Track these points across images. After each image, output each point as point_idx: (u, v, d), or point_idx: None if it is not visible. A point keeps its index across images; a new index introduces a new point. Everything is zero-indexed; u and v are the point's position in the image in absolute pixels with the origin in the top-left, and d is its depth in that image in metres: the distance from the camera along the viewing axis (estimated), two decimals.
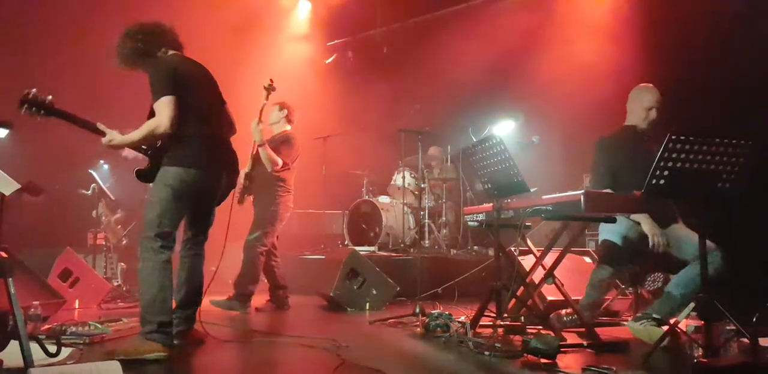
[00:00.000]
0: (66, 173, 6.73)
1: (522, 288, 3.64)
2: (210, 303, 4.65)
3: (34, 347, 2.46)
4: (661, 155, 2.75)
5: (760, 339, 2.88)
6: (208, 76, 3.40)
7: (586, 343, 3.24)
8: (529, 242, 3.69)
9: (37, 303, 3.46)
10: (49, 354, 2.59)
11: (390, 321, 4.21)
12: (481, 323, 3.61)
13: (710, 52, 5.43)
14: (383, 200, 7.29)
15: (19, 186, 3.78)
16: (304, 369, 2.98)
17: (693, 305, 2.90)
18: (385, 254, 6.47)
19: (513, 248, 3.74)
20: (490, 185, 3.58)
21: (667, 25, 5.91)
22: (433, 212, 7.22)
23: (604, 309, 4.18)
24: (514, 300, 3.64)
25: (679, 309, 3.35)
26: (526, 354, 2.91)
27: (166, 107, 3.02)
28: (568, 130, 6.40)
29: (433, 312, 3.91)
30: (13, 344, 2.41)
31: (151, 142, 3.15)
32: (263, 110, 4.71)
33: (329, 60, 9.32)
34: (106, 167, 6.68)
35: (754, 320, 2.85)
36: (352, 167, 7.75)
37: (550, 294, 4.28)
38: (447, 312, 3.86)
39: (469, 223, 3.96)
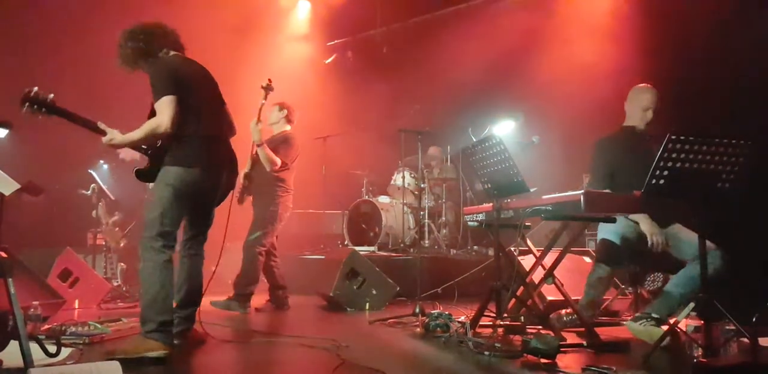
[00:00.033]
0: (66, 173, 6.73)
1: (522, 288, 3.64)
2: (210, 303, 4.65)
3: (34, 347, 2.46)
4: (660, 155, 2.75)
5: (760, 339, 2.88)
6: (209, 77, 3.41)
7: (585, 343, 3.25)
8: (529, 242, 3.69)
9: (36, 303, 3.46)
10: (49, 354, 2.59)
11: (390, 321, 4.22)
12: (481, 323, 3.61)
13: (710, 52, 5.43)
14: (383, 200, 7.29)
15: (19, 186, 3.78)
16: (304, 369, 2.98)
17: (693, 305, 2.90)
18: (385, 254, 6.47)
19: (513, 248, 3.74)
20: (489, 185, 3.58)
21: (667, 25, 5.91)
22: (433, 212, 7.22)
23: (604, 309, 4.19)
24: (513, 299, 3.64)
25: (678, 309, 3.35)
26: (525, 354, 2.91)
27: (167, 106, 3.03)
28: (568, 130, 6.39)
29: (432, 312, 3.91)
30: (13, 344, 2.41)
31: (152, 141, 3.16)
32: (262, 109, 4.71)
33: (329, 60, 9.31)
34: (105, 167, 6.68)
35: (754, 320, 2.84)
36: (352, 167, 7.75)
37: (550, 293, 4.28)
38: (447, 312, 3.86)
39: (469, 223, 3.96)
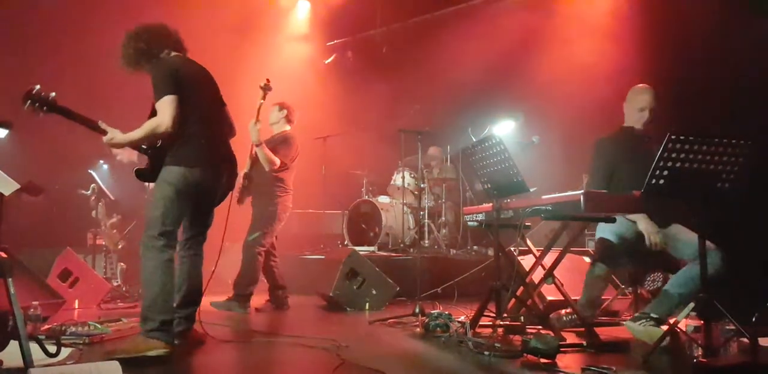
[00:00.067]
0: (66, 173, 6.72)
1: (521, 288, 3.64)
2: (210, 304, 4.65)
3: (34, 347, 2.46)
4: (660, 154, 2.75)
5: (760, 339, 2.88)
6: (210, 78, 3.42)
7: (585, 343, 3.25)
8: (529, 242, 3.69)
9: (36, 303, 3.45)
10: (49, 355, 2.59)
11: (390, 321, 4.21)
12: (481, 323, 3.61)
13: (710, 52, 5.43)
14: (383, 200, 7.29)
15: (19, 186, 3.78)
16: (304, 369, 2.98)
17: (693, 305, 2.90)
18: (385, 254, 6.47)
19: (512, 248, 3.74)
20: (489, 185, 3.59)
21: (667, 25, 5.91)
22: (433, 212, 7.22)
23: (603, 309, 4.19)
24: (513, 299, 3.64)
25: (677, 309, 3.35)
26: (525, 354, 2.91)
27: (168, 106, 3.03)
28: (568, 130, 6.39)
29: (432, 312, 3.91)
30: (12, 344, 2.41)
31: (152, 141, 3.16)
32: (260, 109, 4.70)
33: (329, 60, 9.31)
34: (105, 167, 6.66)
35: (754, 320, 2.85)
36: (352, 167, 7.75)
37: (550, 293, 4.28)
38: (447, 312, 3.86)
39: (469, 223, 3.96)
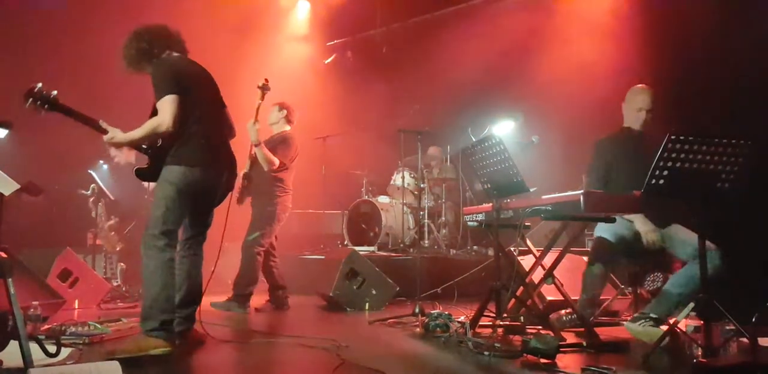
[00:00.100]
0: (66, 173, 6.72)
1: (521, 288, 3.64)
2: (210, 304, 4.65)
3: (34, 347, 2.46)
4: (660, 154, 2.75)
5: (760, 339, 2.89)
6: (210, 79, 3.43)
7: (585, 343, 3.25)
8: (529, 242, 3.69)
9: (36, 303, 3.45)
10: (49, 355, 2.59)
11: (389, 321, 4.21)
12: (481, 323, 3.61)
13: (710, 52, 5.43)
14: (383, 200, 7.29)
15: (19, 186, 3.78)
16: (304, 369, 2.98)
17: (692, 305, 2.90)
18: (385, 254, 6.47)
19: (512, 248, 3.74)
20: (489, 185, 3.58)
21: (667, 25, 5.91)
22: (433, 212, 7.22)
23: (603, 309, 4.19)
24: (513, 300, 3.64)
25: (677, 308, 3.36)
26: (525, 354, 2.91)
27: (169, 105, 3.04)
28: (568, 130, 6.39)
29: (432, 312, 3.91)
30: (12, 344, 2.40)
31: (153, 140, 3.17)
32: (259, 109, 4.70)
33: (329, 60, 9.31)
34: (105, 167, 6.66)
35: (754, 320, 2.85)
36: (352, 167, 7.75)
37: (550, 293, 4.28)
38: (446, 312, 3.86)
39: (469, 223, 3.96)
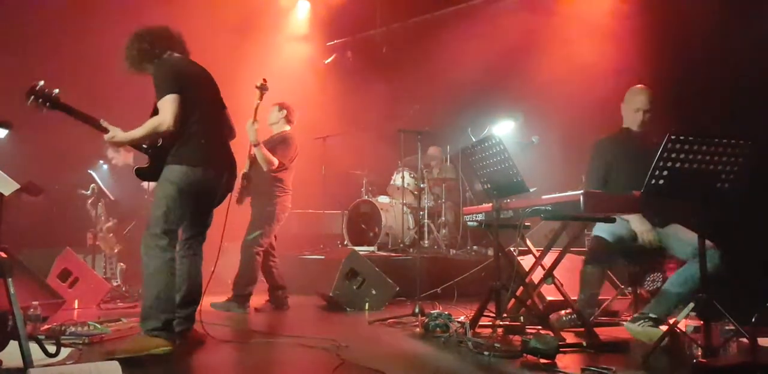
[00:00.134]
0: (66, 173, 6.71)
1: (521, 288, 3.64)
2: (210, 305, 4.65)
3: (34, 347, 2.46)
4: (660, 155, 2.75)
5: (760, 339, 2.89)
6: (211, 80, 3.44)
7: (585, 343, 3.25)
8: (529, 242, 3.69)
9: (36, 303, 3.45)
10: (49, 355, 2.59)
11: (389, 321, 4.21)
12: (481, 323, 3.61)
13: (710, 52, 5.43)
14: (383, 200, 7.29)
15: (19, 186, 3.78)
16: (304, 369, 2.98)
17: (692, 305, 2.90)
18: (385, 254, 6.47)
19: (512, 248, 3.74)
20: (489, 185, 3.58)
21: (667, 25, 5.91)
22: (433, 212, 7.21)
23: (603, 309, 4.19)
24: (513, 300, 3.64)
25: (676, 308, 3.36)
26: (525, 354, 2.91)
27: (170, 104, 3.04)
28: (568, 130, 6.39)
29: (432, 312, 3.91)
30: (12, 344, 2.40)
31: (154, 139, 3.18)
32: (257, 109, 4.70)
33: (329, 60, 9.30)
34: (105, 167, 6.66)
35: (754, 320, 2.85)
36: (352, 167, 7.75)
37: (550, 294, 4.28)
38: (446, 312, 3.86)
39: (469, 223, 3.96)
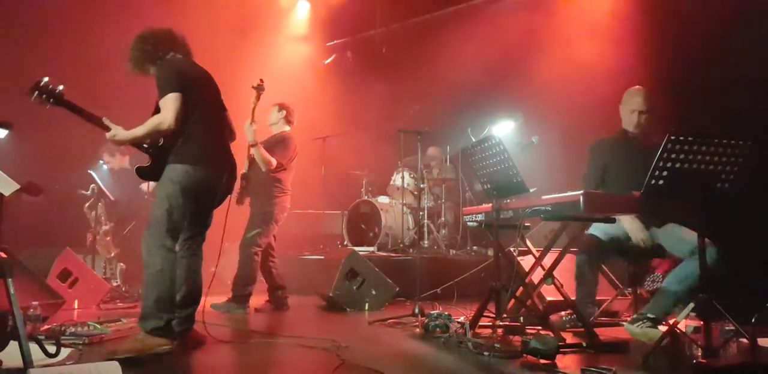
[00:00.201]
0: (66, 173, 6.71)
1: (521, 289, 3.64)
2: (210, 306, 4.65)
3: (34, 347, 2.46)
4: (660, 155, 2.75)
5: (760, 339, 2.89)
6: (212, 81, 3.46)
7: (585, 344, 3.25)
8: (529, 243, 3.69)
9: (36, 303, 3.45)
10: (49, 355, 2.59)
11: (389, 321, 4.21)
12: (481, 323, 3.62)
13: (710, 52, 5.43)
14: (382, 200, 7.29)
15: (19, 186, 3.77)
16: (304, 369, 2.98)
17: (692, 305, 2.90)
18: (385, 254, 6.46)
19: (512, 249, 3.74)
20: (489, 186, 3.59)
21: (667, 25, 5.90)
22: (433, 212, 7.21)
23: (603, 310, 4.19)
24: (513, 300, 3.64)
25: (675, 306, 3.36)
26: (525, 355, 2.91)
27: (171, 103, 3.06)
28: (568, 130, 6.38)
29: (432, 312, 3.91)
30: (12, 344, 2.41)
31: (155, 138, 3.19)
32: (255, 109, 4.69)
33: (328, 60, 9.30)
34: (105, 167, 6.66)
35: (754, 320, 2.85)
36: (352, 167, 7.74)
37: (550, 294, 4.28)
38: (446, 313, 3.87)
39: (469, 223, 3.96)
